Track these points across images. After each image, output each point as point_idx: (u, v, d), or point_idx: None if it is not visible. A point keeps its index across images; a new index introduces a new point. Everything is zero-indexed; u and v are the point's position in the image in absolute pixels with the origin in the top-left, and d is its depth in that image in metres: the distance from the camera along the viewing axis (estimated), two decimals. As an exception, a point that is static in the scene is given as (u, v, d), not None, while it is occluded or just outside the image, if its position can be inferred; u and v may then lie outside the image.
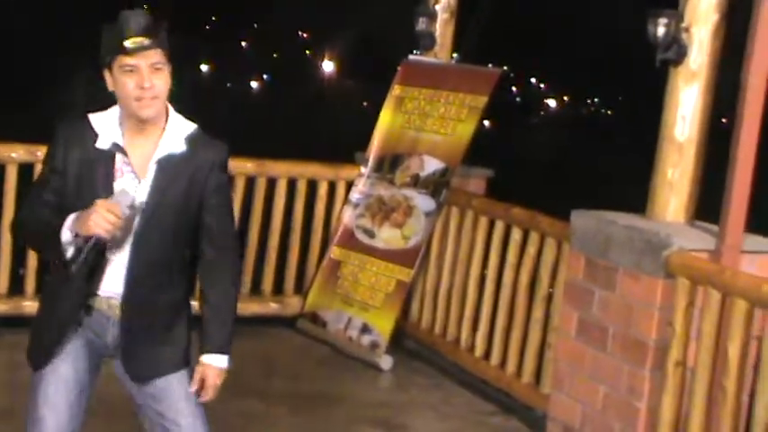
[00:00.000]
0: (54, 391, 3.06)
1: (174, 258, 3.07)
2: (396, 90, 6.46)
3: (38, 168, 5.68)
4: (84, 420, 3.15)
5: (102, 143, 2.98)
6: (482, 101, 6.02)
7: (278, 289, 6.47)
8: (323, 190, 6.47)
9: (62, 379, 3.06)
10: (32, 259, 5.83)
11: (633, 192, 5.48)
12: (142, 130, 3.00)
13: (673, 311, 4.32)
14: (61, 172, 2.98)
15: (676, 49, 4.53)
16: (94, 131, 2.99)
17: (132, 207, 2.91)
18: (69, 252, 2.87)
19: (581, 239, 4.82)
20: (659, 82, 4.74)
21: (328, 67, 34.67)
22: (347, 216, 6.38)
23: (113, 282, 3.02)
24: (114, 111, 3.03)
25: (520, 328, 5.42)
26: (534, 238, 5.36)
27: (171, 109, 3.06)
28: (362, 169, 6.42)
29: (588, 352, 4.76)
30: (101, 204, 2.82)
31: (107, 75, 2.97)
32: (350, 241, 6.31)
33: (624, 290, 4.56)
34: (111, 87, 2.98)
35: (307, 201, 6.42)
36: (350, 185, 6.46)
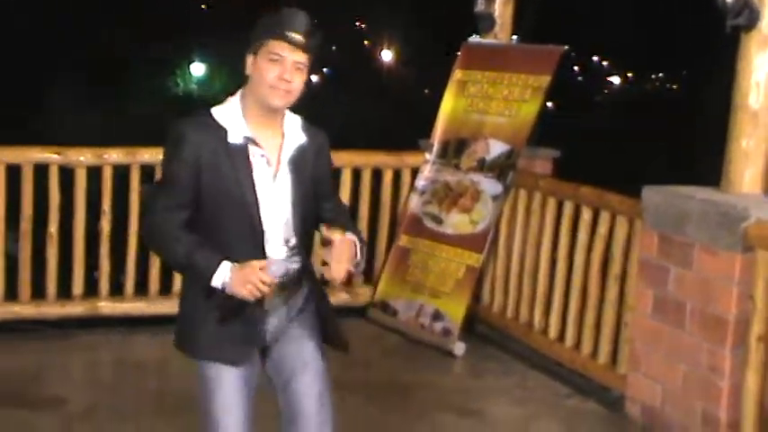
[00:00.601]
0: (230, 398, 3.08)
1: (310, 240, 3.21)
2: (457, 74, 6.40)
3: (106, 172, 5.81)
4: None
5: (234, 137, 3.00)
6: (545, 80, 5.93)
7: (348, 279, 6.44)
8: (388, 178, 6.44)
9: (234, 384, 3.08)
10: (105, 261, 5.90)
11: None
12: (266, 121, 3.04)
13: (752, 285, 4.22)
14: (194, 168, 2.97)
15: (747, 15, 4.39)
16: (221, 126, 3.01)
17: (285, 275, 3.03)
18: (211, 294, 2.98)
19: (654, 216, 4.73)
20: (724, 53, 4.62)
21: (387, 56, 34.62)
22: (414, 203, 6.35)
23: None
24: (234, 104, 3.05)
25: (594, 308, 5.33)
26: (605, 216, 5.27)
27: None
28: (427, 156, 6.38)
29: (665, 330, 4.67)
30: (257, 275, 2.91)
31: (249, 58, 3.01)
32: (418, 228, 6.27)
33: (701, 265, 4.47)
34: (248, 71, 3.02)
35: (372, 190, 6.39)
36: (415, 172, 6.42)
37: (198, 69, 29.40)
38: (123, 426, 4.66)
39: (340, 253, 3.01)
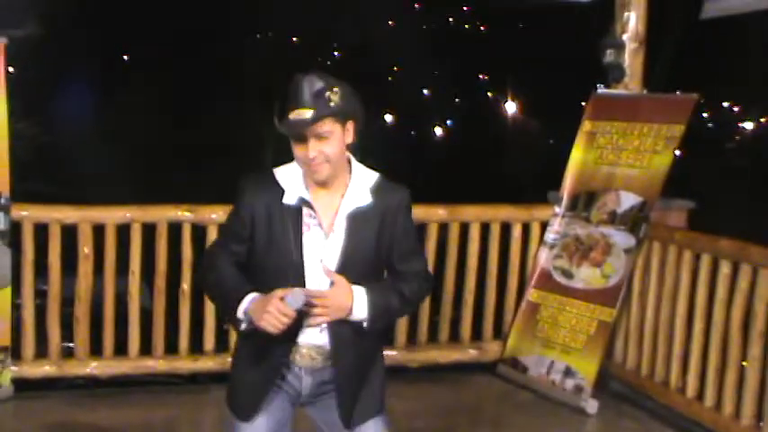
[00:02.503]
0: None
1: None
2: (586, 126, 6.30)
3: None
4: None
5: (289, 198, 3.02)
6: (678, 130, 5.78)
7: (476, 335, 6.37)
8: (517, 232, 6.35)
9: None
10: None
11: None
12: (325, 185, 3.03)
13: None
14: (249, 226, 3.03)
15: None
16: (280, 186, 3.03)
17: (305, 306, 2.94)
18: (243, 326, 2.99)
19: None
20: None
21: (511, 107, 34.56)
22: (543, 257, 6.25)
23: (308, 333, 3.05)
24: (296, 165, 3.06)
25: (735, 366, 5.12)
26: (746, 270, 5.06)
27: (353, 161, 3.09)
28: (557, 209, 6.28)
29: (814, 390, 4.44)
30: (275, 307, 2.87)
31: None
32: (547, 283, 6.16)
33: None
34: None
35: (501, 244, 6.31)
36: (544, 226, 6.32)
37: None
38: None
39: (330, 296, 2.96)
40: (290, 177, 3.03)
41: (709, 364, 5.29)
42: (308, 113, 2.88)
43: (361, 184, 3.06)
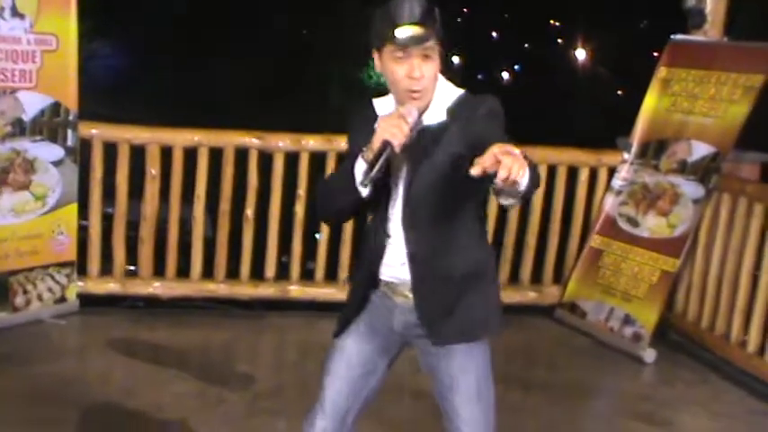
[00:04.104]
0: (336, 365, 3.10)
1: (456, 225, 2.97)
2: (662, 72, 6.17)
3: (304, 158, 5.93)
4: (370, 402, 3.13)
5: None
6: (758, 80, 5.62)
7: (536, 278, 6.35)
8: (584, 176, 6.28)
9: (345, 355, 3.09)
10: (297, 246, 6.00)
11: None
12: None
13: None
14: (355, 155, 2.94)
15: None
16: (377, 115, 2.96)
17: (417, 123, 2.87)
18: (360, 176, 2.85)
19: None
20: None
21: (581, 55, 34.00)
22: (609, 204, 6.18)
23: (392, 267, 3.00)
24: (392, 95, 2.99)
25: (799, 323, 5.05)
26: (817, 226, 4.97)
27: (441, 80, 2.97)
28: (625, 155, 6.18)
29: None
30: (391, 114, 2.83)
31: (375, 56, 2.92)
32: (612, 230, 6.10)
33: None
34: (378, 69, 2.93)
35: (567, 188, 6.25)
36: (612, 172, 6.24)
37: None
38: (308, 407, 4.71)
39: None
40: (385, 106, 2.97)
41: (772, 320, 5.22)
42: (419, 30, 2.81)
43: (440, 104, 2.96)
